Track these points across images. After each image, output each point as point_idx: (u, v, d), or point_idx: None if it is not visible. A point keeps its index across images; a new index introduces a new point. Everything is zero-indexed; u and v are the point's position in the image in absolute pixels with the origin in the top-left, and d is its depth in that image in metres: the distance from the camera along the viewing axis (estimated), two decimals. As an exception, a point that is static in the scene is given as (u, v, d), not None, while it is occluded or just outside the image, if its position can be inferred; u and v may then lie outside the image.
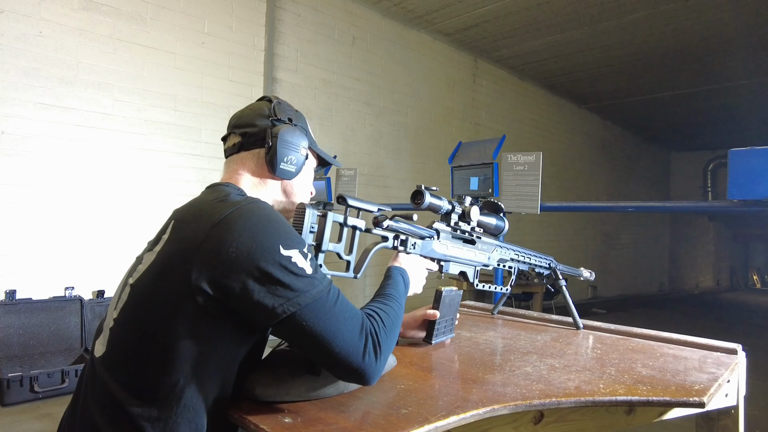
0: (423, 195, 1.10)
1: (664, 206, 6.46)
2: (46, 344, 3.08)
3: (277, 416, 0.80)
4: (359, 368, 0.81)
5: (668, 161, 12.23)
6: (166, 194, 3.61)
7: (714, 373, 1.07)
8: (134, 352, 0.81)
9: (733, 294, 12.12)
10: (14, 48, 2.97)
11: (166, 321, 0.79)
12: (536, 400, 0.90)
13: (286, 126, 0.98)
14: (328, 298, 0.81)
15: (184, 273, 0.78)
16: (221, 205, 0.84)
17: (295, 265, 0.79)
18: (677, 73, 6.70)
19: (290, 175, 0.99)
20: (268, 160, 0.96)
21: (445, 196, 1.22)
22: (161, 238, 0.87)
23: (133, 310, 0.83)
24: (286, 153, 0.96)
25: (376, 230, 1.04)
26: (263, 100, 1.04)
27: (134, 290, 0.84)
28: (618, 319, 6.78)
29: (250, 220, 0.80)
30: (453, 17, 5.21)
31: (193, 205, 0.91)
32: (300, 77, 4.45)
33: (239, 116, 1.02)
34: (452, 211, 1.21)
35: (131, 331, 0.82)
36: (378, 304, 0.93)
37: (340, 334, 0.80)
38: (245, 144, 0.98)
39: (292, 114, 1.02)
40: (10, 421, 2.58)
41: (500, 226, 1.35)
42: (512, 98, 6.99)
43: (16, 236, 3.02)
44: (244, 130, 0.98)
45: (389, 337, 0.87)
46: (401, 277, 1.04)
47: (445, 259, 1.21)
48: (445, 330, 1.28)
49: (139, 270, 0.86)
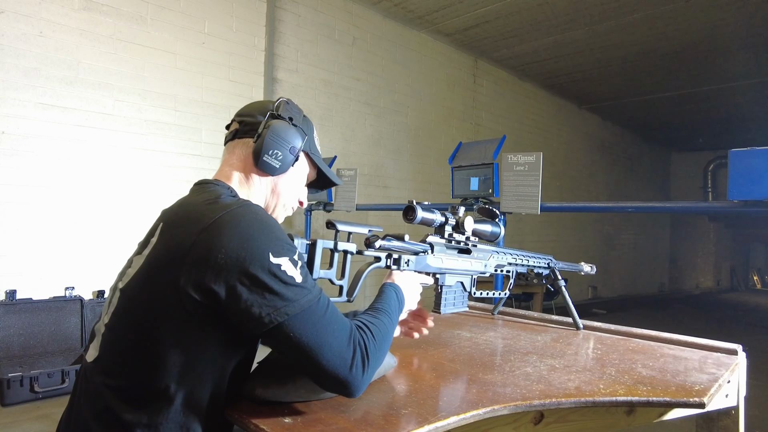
0: (415, 210, 1.09)
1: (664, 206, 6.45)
2: (46, 344, 3.08)
3: (278, 416, 0.80)
4: (345, 380, 0.79)
5: (668, 161, 12.22)
6: (167, 194, 3.61)
7: (714, 374, 1.07)
8: (125, 358, 0.80)
9: (734, 294, 12.11)
10: (15, 48, 2.97)
11: (155, 327, 0.78)
12: (536, 400, 0.90)
13: (282, 121, 0.96)
14: (317, 308, 0.80)
15: (173, 278, 0.77)
16: (211, 207, 0.82)
17: (284, 273, 0.77)
18: (677, 73, 6.70)
19: (272, 170, 0.95)
20: (254, 150, 0.94)
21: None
22: (150, 242, 0.86)
23: (124, 316, 0.83)
24: (272, 146, 0.93)
25: (368, 251, 1.03)
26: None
27: (124, 295, 0.84)
28: (618, 319, 6.77)
29: (240, 225, 0.78)
30: (453, 17, 5.21)
31: (182, 206, 0.89)
32: (300, 77, 4.45)
33: (246, 106, 1.02)
34: (446, 223, 1.20)
35: (122, 336, 0.82)
36: (368, 316, 0.91)
37: (328, 345, 0.78)
38: (239, 132, 0.98)
39: (297, 116, 1.00)
40: (10, 421, 2.58)
41: (496, 233, 1.34)
42: (512, 98, 6.99)
43: (17, 236, 3.02)
44: (243, 118, 0.99)
45: (378, 351, 0.86)
46: (395, 293, 1.02)
47: (440, 272, 1.20)
48: (455, 301, 1.27)
49: (128, 274, 0.86)
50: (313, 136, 1.05)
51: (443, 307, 1.23)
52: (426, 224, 1.17)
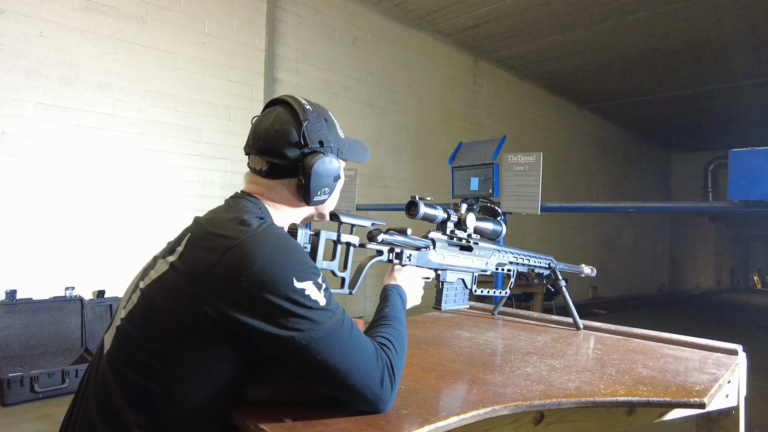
0: (417, 206, 1.10)
1: (664, 207, 6.47)
2: (47, 344, 3.08)
3: (278, 416, 0.80)
4: (377, 398, 0.80)
5: (668, 162, 12.22)
6: (167, 194, 3.62)
7: (714, 374, 1.07)
8: (135, 357, 0.81)
9: (734, 295, 12.10)
10: (15, 48, 2.97)
11: (168, 336, 0.79)
12: (537, 400, 0.90)
13: (319, 156, 0.92)
14: (342, 330, 0.80)
15: (193, 294, 0.77)
16: (237, 229, 0.82)
17: (308, 297, 0.77)
18: (678, 73, 6.69)
19: (324, 201, 0.97)
20: (301, 193, 0.93)
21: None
22: (176, 250, 0.86)
23: (140, 316, 0.83)
24: (321, 186, 0.93)
25: (371, 245, 1.03)
26: (283, 106, 0.96)
27: (143, 296, 0.85)
28: (618, 319, 6.77)
29: (264, 250, 0.78)
30: (453, 18, 5.21)
31: (211, 220, 0.88)
32: (300, 77, 4.45)
33: (264, 138, 0.93)
34: (448, 219, 1.20)
35: (135, 335, 0.82)
36: (384, 329, 0.91)
37: (356, 366, 0.79)
38: (273, 173, 0.94)
39: (320, 129, 0.94)
40: (10, 421, 2.58)
41: (498, 231, 1.34)
42: (513, 99, 6.99)
43: (17, 236, 3.02)
44: (272, 160, 0.92)
45: (401, 362, 0.87)
46: (399, 297, 1.03)
47: (441, 268, 1.20)
48: (456, 298, 1.27)
49: (150, 276, 0.86)
50: (336, 131, 1.00)
51: (444, 303, 1.23)
52: (428, 220, 1.17)
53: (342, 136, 1.02)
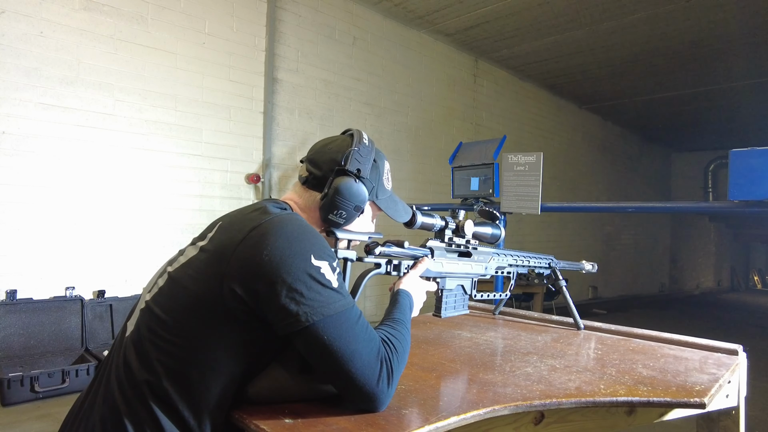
0: (414, 216, 1.11)
1: (664, 207, 6.46)
2: (47, 344, 3.08)
3: (278, 416, 0.80)
4: (373, 393, 0.81)
5: (669, 162, 12.22)
6: (167, 194, 3.62)
7: (715, 374, 1.07)
8: (158, 333, 0.83)
9: (734, 295, 12.11)
10: (15, 48, 2.97)
11: (192, 317, 0.82)
12: (537, 400, 0.90)
13: (348, 180, 0.95)
14: (351, 315, 0.82)
15: (219, 272, 0.81)
16: (260, 214, 0.88)
17: (323, 276, 0.81)
18: (678, 73, 6.69)
19: (336, 225, 0.99)
20: (320, 207, 0.97)
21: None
22: (206, 236, 0.91)
23: (167, 296, 0.86)
24: (337, 207, 0.96)
25: (369, 258, 1.04)
26: (347, 133, 1.03)
27: (171, 278, 0.88)
28: (618, 319, 6.78)
29: (285, 228, 0.84)
30: (454, 17, 5.21)
31: (240, 211, 0.95)
32: (301, 77, 4.45)
33: (320, 149, 1.02)
34: (446, 227, 1.21)
35: (160, 313, 0.84)
36: (390, 329, 0.92)
37: (359, 354, 0.80)
38: (308, 182, 1.00)
39: (365, 163, 0.99)
40: (10, 421, 2.58)
41: (496, 235, 1.34)
42: (513, 98, 6.99)
43: (17, 236, 3.03)
44: (312, 169, 1.00)
45: (401, 364, 0.88)
46: (408, 302, 1.04)
47: (440, 276, 1.21)
48: (456, 305, 1.27)
49: (179, 261, 0.91)
50: (382, 178, 1.04)
51: (444, 311, 1.23)
52: (426, 229, 1.17)
53: (388, 187, 1.06)
